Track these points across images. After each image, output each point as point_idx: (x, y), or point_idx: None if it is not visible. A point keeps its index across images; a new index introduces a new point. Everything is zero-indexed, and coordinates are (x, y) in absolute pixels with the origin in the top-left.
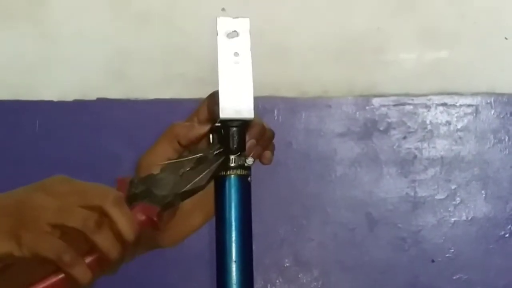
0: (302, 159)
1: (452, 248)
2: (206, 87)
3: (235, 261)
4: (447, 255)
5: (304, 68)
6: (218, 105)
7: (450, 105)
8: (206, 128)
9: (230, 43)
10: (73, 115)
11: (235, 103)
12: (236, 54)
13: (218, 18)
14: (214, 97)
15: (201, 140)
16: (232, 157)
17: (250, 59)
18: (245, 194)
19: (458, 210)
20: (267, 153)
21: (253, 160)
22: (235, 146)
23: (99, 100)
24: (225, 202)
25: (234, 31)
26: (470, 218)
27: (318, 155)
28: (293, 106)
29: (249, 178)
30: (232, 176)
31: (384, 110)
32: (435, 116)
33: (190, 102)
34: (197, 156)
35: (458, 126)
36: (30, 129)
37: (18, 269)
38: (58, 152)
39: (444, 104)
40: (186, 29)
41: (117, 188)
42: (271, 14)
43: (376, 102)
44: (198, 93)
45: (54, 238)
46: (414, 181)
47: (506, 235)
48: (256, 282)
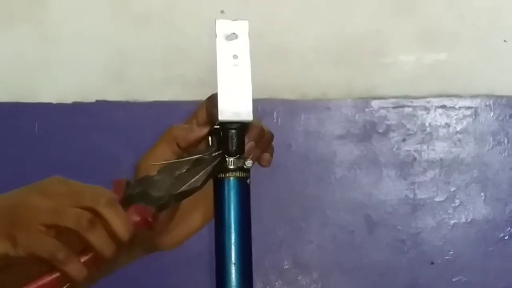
0: (302, 161)
1: (451, 250)
2: (206, 89)
3: (235, 263)
4: (447, 257)
5: (303, 70)
6: (217, 107)
7: (449, 107)
8: (205, 130)
9: (229, 45)
10: (72, 117)
11: (234, 105)
12: (235, 56)
13: (217, 20)
14: (213, 99)
15: (200, 142)
16: (231, 159)
17: (249, 62)
18: (244, 196)
19: (457, 212)
20: (266, 155)
21: (252, 162)
22: (234, 148)
23: (98, 102)
24: (224, 204)
25: (233, 34)
26: (469, 220)
27: (318, 157)
28: (292, 108)
29: (248, 180)
30: (231, 178)
31: (383, 112)
32: (435, 118)
33: (190, 104)
34: (193, 157)
35: (458, 128)
36: (29, 131)
37: (17, 269)
38: (57, 154)
39: (443, 106)
40: (186, 31)
41: (113, 190)
42: (271, 16)
43: (375, 104)
44: (198, 95)
45: (48, 237)
46: (413, 183)
47: (506, 237)
48: (255, 284)
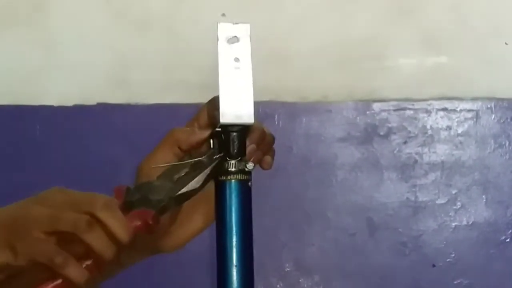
0: (303, 164)
1: (453, 253)
2: (207, 93)
3: (236, 265)
4: (448, 260)
5: (304, 73)
6: (218, 110)
7: (451, 110)
8: (207, 133)
9: (230, 49)
10: (73, 120)
11: (236, 108)
12: (236, 59)
13: (218, 23)
14: (214, 102)
15: (201, 145)
16: (232, 162)
17: (251, 64)
18: (245, 199)
19: (459, 215)
20: (268, 158)
21: (253, 165)
22: (236, 151)
23: (100, 105)
24: (225, 207)
25: (235, 37)
26: (471, 223)
27: (319, 160)
28: (293, 111)
29: (249, 183)
30: (232, 181)
31: (384, 115)
32: (436, 121)
33: (191, 107)
34: (192, 160)
35: (459, 131)
36: (31, 134)
37: (23, 279)
38: (58, 156)
39: (444, 109)
40: (187, 34)
41: (114, 197)
42: (272, 19)
43: (376, 107)
44: (199, 98)
45: (47, 242)
46: (414, 186)
47: (507, 240)
48: (256, 287)
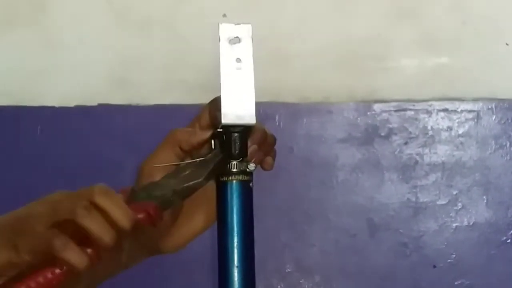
0: (304, 165)
1: (453, 253)
2: (208, 93)
3: (237, 266)
4: (449, 261)
5: (305, 73)
6: (219, 110)
7: (451, 110)
8: (208, 133)
9: (232, 49)
10: (74, 121)
11: (237, 109)
12: (238, 60)
13: (220, 24)
14: (216, 103)
15: (203, 145)
16: (234, 162)
17: (252, 65)
18: (247, 199)
19: (459, 216)
20: (269, 158)
21: (255, 165)
22: (237, 151)
23: (101, 106)
24: (227, 208)
25: (236, 37)
26: (471, 224)
27: (320, 161)
28: (294, 111)
29: (251, 184)
30: (234, 181)
31: (385, 115)
32: (437, 121)
33: (192, 108)
34: (196, 160)
35: (460, 132)
36: (32, 134)
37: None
38: (60, 157)
39: (445, 109)
40: (188, 35)
41: None
42: (273, 20)
43: (377, 107)
44: (200, 99)
45: (47, 231)
46: (415, 186)
47: (508, 241)
48: None
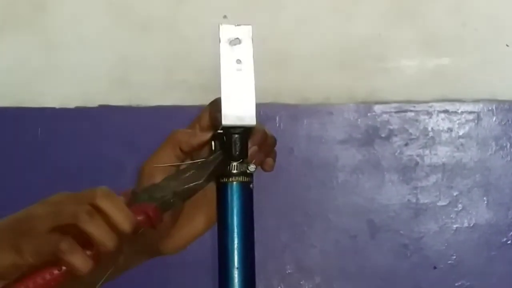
0: (304, 166)
1: (454, 254)
2: (208, 94)
3: (237, 267)
4: (449, 262)
5: (305, 75)
6: (220, 112)
7: (452, 112)
8: (208, 135)
9: (232, 50)
10: (75, 122)
11: (237, 110)
12: (238, 61)
13: (220, 25)
14: (216, 104)
15: (203, 147)
16: (234, 164)
17: (253, 66)
18: (247, 200)
19: (460, 217)
20: (269, 160)
21: (255, 167)
22: (237, 153)
23: (101, 107)
24: (227, 209)
25: (237, 39)
26: (472, 225)
27: (320, 162)
28: (294, 113)
29: (251, 185)
30: (234, 183)
31: (385, 117)
32: (437, 123)
33: (192, 109)
34: (199, 161)
35: (460, 133)
36: (33, 135)
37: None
38: (60, 158)
39: (445, 111)
40: (188, 36)
41: None
42: (273, 21)
43: (377, 109)
44: (200, 100)
45: (51, 234)
46: (416, 187)
47: (508, 242)
48: None
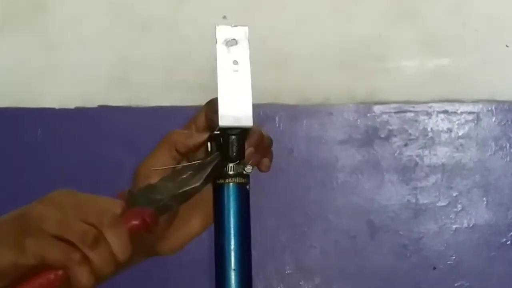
0: (304, 167)
1: (453, 255)
2: (208, 94)
3: (234, 269)
4: (449, 262)
5: (305, 75)
6: (216, 113)
7: (451, 112)
8: (205, 136)
9: (229, 51)
10: (74, 122)
11: (234, 111)
12: (235, 62)
13: (217, 26)
14: (212, 104)
15: (199, 148)
16: (231, 165)
17: (249, 67)
18: (243, 202)
19: (459, 217)
20: (266, 160)
21: (251, 168)
22: (234, 154)
23: (101, 107)
24: (223, 210)
25: (233, 39)
26: (471, 225)
27: (320, 162)
28: (294, 113)
29: (247, 186)
30: (230, 184)
31: (385, 117)
32: (436, 123)
33: (192, 109)
34: (196, 162)
35: (459, 133)
36: (32, 136)
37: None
38: (60, 158)
39: (445, 111)
40: (188, 36)
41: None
42: (273, 21)
43: (377, 109)
44: (200, 100)
45: (60, 242)
46: (415, 188)
47: (508, 242)
48: None
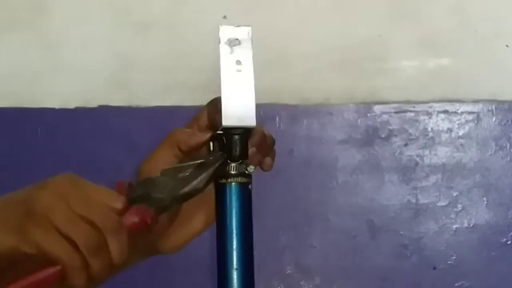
0: (304, 167)
1: (454, 255)
2: (208, 94)
3: (236, 268)
4: (449, 262)
5: (305, 75)
6: (218, 112)
7: (452, 112)
8: (207, 135)
9: (232, 51)
10: (75, 122)
11: (237, 111)
12: (238, 62)
13: (220, 26)
14: (214, 104)
15: (202, 147)
16: (233, 164)
17: (252, 67)
18: (245, 201)
19: (460, 217)
20: (268, 159)
21: (254, 167)
22: (237, 153)
23: (101, 107)
24: (225, 210)
25: (236, 39)
26: (472, 225)
27: (320, 162)
28: (294, 113)
29: (250, 186)
30: (233, 183)
31: (385, 117)
32: (437, 123)
33: (192, 110)
34: (197, 162)
35: (460, 133)
36: (32, 136)
37: (23, 268)
38: (60, 158)
39: (445, 111)
40: (188, 36)
41: (116, 191)
42: (273, 22)
43: (377, 109)
44: (200, 100)
45: (63, 239)
46: (415, 188)
47: (508, 242)
48: None
